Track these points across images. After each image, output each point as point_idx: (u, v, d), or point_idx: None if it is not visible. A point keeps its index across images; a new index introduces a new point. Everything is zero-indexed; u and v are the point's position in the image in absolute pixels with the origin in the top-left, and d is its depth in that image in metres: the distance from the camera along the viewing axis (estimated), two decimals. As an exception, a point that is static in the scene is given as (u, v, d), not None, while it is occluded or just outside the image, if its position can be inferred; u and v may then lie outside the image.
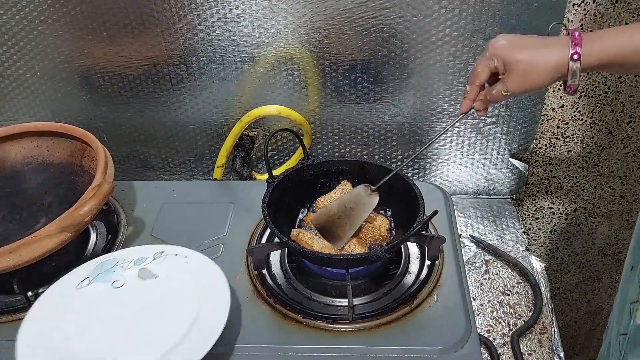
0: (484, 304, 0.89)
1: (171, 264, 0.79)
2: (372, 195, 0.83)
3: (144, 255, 0.81)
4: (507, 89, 0.68)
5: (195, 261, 0.79)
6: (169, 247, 0.82)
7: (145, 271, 0.79)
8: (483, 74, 0.70)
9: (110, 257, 0.81)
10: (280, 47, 0.96)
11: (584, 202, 1.18)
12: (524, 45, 0.66)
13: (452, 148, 1.07)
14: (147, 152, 1.13)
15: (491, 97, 0.71)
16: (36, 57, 1.01)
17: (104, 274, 0.78)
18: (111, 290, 0.77)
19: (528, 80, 0.66)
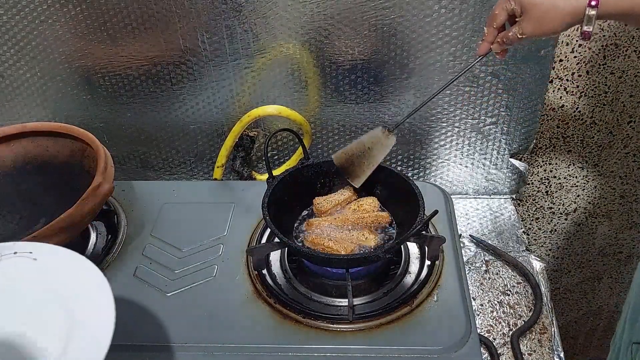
0: (484, 304, 0.89)
1: (12, 265, 0.64)
2: (389, 136, 0.85)
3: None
4: (522, 31, 0.69)
5: (45, 256, 0.64)
6: (5, 246, 0.66)
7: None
8: (500, 16, 0.71)
9: None
10: (280, 47, 0.96)
11: (584, 202, 1.18)
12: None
13: (452, 148, 1.07)
14: (147, 152, 1.13)
15: (507, 39, 0.72)
16: (36, 57, 1.01)
17: None
18: None
19: (543, 23, 0.67)
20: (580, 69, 0.98)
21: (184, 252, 0.87)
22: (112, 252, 0.88)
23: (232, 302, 0.78)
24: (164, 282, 0.82)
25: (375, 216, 0.86)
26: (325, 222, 0.85)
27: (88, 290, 0.60)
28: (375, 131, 0.86)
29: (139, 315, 0.77)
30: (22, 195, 0.95)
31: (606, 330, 1.43)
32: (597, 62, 0.97)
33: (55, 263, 0.64)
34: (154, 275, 0.83)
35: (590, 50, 0.96)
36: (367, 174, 0.85)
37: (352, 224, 0.85)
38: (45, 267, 0.63)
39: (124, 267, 0.85)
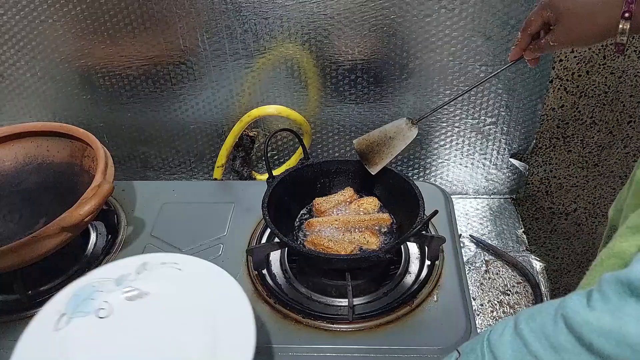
0: (484, 304, 0.89)
1: (160, 275, 0.66)
2: (412, 128, 0.86)
3: (124, 272, 0.67)
4: (554, 39, 0.68)
5: (191, 267, 0.66)
6: (153, 256, 0.69)
7: (132, 290, 0.65)
8: (536, 22, 0.71)
9: (84, 283, 0.66)
10: (280, 47, 0.96)
11: (584, 202, 1.18)
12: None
13: (452, 148, 1.07)
14: (147, 152, 1.13)
15: (539, 47, 0.71)
16: (36, 57, 1.01)
17: (82, 305, 0.63)
18: (98, 323, 0.62)
19: (576, 32, 0.66)
20: (580, 69, 0.98)
21: (184, 252, 0.87)
22: (112, 252, 0.88)
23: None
24: (164, 282, 0.82)
25: (376, 218, 0.86)
26: (325, 223, 0.85)
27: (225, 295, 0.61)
28: (399, 121, 0.87)
29: (139, 315, 0.77)
30: (22, 195, 0.95)
31: (606, 330, 1.42)
32: (597, 62, 0.97)
33: (197, 270, 0.65)
34: (154, 275, 0.83)
35: (590, 50, 0.96)
36: (384, 163, 0.86)
37: (353, 226, 0.85)
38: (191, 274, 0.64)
39: (124, 267, 0.85)
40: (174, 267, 0.67)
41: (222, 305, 0.61)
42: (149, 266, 0.67)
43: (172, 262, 0.66)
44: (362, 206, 0.88)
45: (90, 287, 0.65)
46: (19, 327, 0.75)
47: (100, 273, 0.67)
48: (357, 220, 0.85)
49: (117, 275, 0.66)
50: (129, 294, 0.65)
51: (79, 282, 0.66)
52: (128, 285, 0.65)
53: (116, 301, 0.64)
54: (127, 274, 0.66)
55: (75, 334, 0.61)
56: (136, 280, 0.66)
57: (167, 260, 0.67)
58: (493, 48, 0.93)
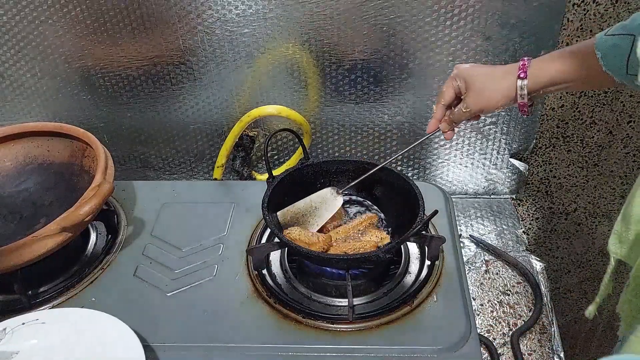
0: (484, 304, 0.89)
1: (25, 334, 0.66)
2: (337, 197, 0.85)
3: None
4: (466, 105, 0.74)
5: (50, 319, 0.66)
6: (8, 322, 0.68)
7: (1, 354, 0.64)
8: (448, 93, 0.76)
9: None
10: (280, 47, 0.96)
11: (584, 202, 1.18)
12: (483, 67, 0.74)
13: (452, 148, 1.07)
14: (147, 152, 1.13)
15: (454, 116, 0.77)
16: (36, 57, 1.01)
17: None
18: None
19: (484, 96, 0.72)
20: (580, 69, 0.98)
21: (184, 252, 0.87)
22: (112, 252, 0.88)
23: (232, 302, 0.78)
24: (164, 282, 0.82)
25: (367, 217, 0.87)
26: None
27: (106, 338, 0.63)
28: (324, 191, 0.87)
29: (139, 315, 0.77)
30: (22, 195, 0.95)
31: (606, 330, 1.42)
32: (597, 62, 0.97)
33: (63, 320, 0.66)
34: (154, 275, 0.83)
35: (590, 50, 0.96)
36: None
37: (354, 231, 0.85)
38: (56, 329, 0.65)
39: (124, 267, 0.85)
40: (36, 323, 0.67)
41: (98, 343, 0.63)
42: (9, 330, 0.67)
43: (32, 320, 0.66)
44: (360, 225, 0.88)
45: None
46: (19, 327, 0.76)
47: None
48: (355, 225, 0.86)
49: None
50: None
51: None
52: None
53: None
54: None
55: None
56: (1, 344, 0.66)
57: (26, 320, 0.67)
58: (493, 48, 0.93)
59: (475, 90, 0.73)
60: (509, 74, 0.70)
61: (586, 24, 0.93)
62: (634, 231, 0.66)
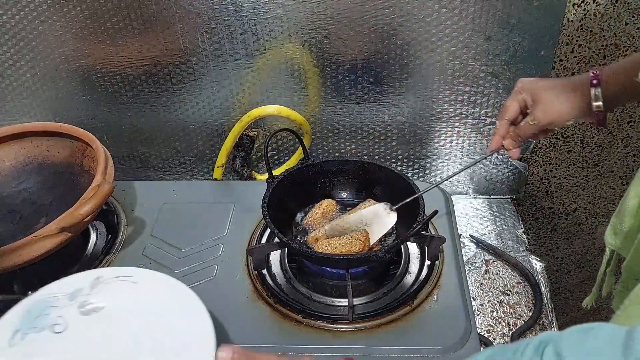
0: (484, 304, 0.89)
1: (115, 289, 0.66)
2: (391, 213, 0.83)
3: (78, 286, 0.66)
4: (533, 117, 0.69)
5: (145, 281, 0.66)
6: (103, 271, 0.68)
7: (86, 305, 0.64)
8: (512, 107, 0.72)
9: (36, 299, 0.65)
10: (280, 47, 0.96)
11: (584, 202, 1.18)
12: (549, 79, 0.70)
13: (452, 148, 1.07)
14: (147, 152, 1.13)
15: (520, 131, 0.72)
16: (36, 57, 1.01)
17: (36, 321, 0.63)
18: (53, 338, 0.61)
19: (554, 108, 0.68)
20: (580, 69, 0.98)
21: (184, 252, 0.87)
22: (112, 252, 0.88)
23: (232, 302, 0.78)
24: (164, 282, 0.82)
25: None
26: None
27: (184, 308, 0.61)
28: (377, 207, 0.83)
29: (139, 315, 0.77)
30: (22, 195, 0.95)
31: (606, 330, 1.42)
32: (597, 62, 0.97)
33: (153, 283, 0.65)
34: (154, 275, 0.83)
35: (590, 50, 0.96)
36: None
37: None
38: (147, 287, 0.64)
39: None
40: (128, 281, 0.66)
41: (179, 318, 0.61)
42: (102, 280, 0.67)
43: (125, 276, 0.66)
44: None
45: (43, 303, 0.65)
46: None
47: (52, 289, 0.66)
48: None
49: (71, 290, 0.66)
50: (84, 308, 0.64)
51: (30, 298, 0.66)
52: (82, 300, 0.65)
53: (71, 316, 0.63)
54: (80, 289, 0.66)
55: (30, 349, 0.60)
56: (90, 294, 0.65)
57: (120, 274, 0.67)
58: (493, 48, 0.93)
59: (543, 102, 0.69)
60: (580, 84, 0.67)
61: (586, 24, 0.93)
62: (627, 223, 0.67)
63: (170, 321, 0.61)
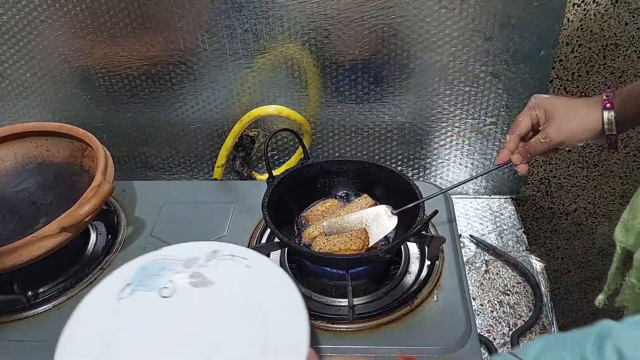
0: (484, 304, 0.89)
1: (228, 267, 0.65)
2: (392, 217, 0.82)
3: (194, 255, 0.67)
4: (545, 135, 0.69)
5: (258, 265, 0.65)
6: (223, 246, 0.68)
7: (198, 276, 0.65)
8: (524, 123, 0.72)
9: (154, 258, 0.67)
10: (280, 47, 0.96)
11: (584, 202, 1.18)
12: (564, 98, 0.70)
13: (452, 148, 1.07)
14: (147, 152, 1.13)
15: (530, 148, 0.72)
16: (36, 57, 1.01)
17: (148, 280, 0.64)
18: (159, 301, 0.63)
19: (568, 127, 0.68)
20: (580, 69, 0.98)
21: (184, 252, 0.87)
22: (112, 252, 0.88)
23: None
24: (164, 282, 0.82)
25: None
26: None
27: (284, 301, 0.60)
28: (378, 208, 0.83)
29: (139, 315, 0.77)
30: (22, 195, 0.95)
31: (606, 330, 1.42)
32: (597, 62, 0.97)
33: (262, 270, 0.64)
34: (154, 275, 0.83)
35: (590, 50, 0.96)
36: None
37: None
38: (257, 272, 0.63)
39: (124, 267, 0.85)
40: (242, 263, 0.66)
41: (279, 310, 0.60)
42: (219, 255, 0.66)
43: (241, 257, 0.66)
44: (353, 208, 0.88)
45: (159, 263, 0.65)
46: (19, 327, 0.76)
47: (170, 251, 0.67)
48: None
49: (187, 257, 0.66)
50: (194, 279, 0.65)
51: (149, 255, 0.67)
52: (195, 270, 0.65)
53: (180, 283, 0.64)
54: (196, 258, 0.66)
55: (135, 306, 0.62)
56: (204, 266, 0.66)
57: (237, 253, 0.66)
58: (493, 48, 0.93)
59: (557, 120, 0.69)
60: (594, 105, 0.67)
61: (586, 24, 0.93)
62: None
63: (270, 315, 0.60)
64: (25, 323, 0.77)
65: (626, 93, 0.66)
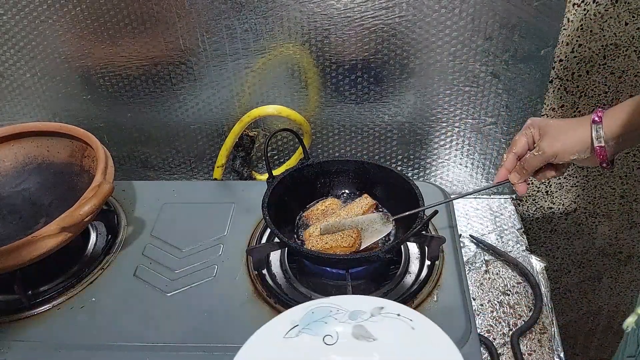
0: (484, 304, 0.89)
1: (392, 326, 0.65)
2: (387, 224, 0.82)
3: (360, 308, 0.67)
4: (539, 148, 0.73)
5: (422, 328, 0.64)
6: (389, 304, 0.67)
7: (361, 329, 0.65)
8: (520, 141, 0.76)
9: (321, 305, 0.68)
10: (280, 47, 0.96)
11: (584, 202, 1.18)
12: (558, 118, 0.74)
13: (452, 148, 1.07)
14: (147, 152, 1.13)
15: (525, 163, 0.76)
16: (36, 57, 1.01)
17: (314, 325, 0.66)
18: (322, 347, 0.64)
19: (559, 140, 0.72)
20: (580, 69, 0.98)
21: (184, 252, 0.87)
22: (112, 252, 0.88)
23: (232, 302, 0.78)
24: (164, 282, 0.82)
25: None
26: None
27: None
28: (374, 215, 0.84)
29: (139, 315, 0.77)
30: (22, 195, 0.95)
31: (606, 330, 1.43)
32: (597, 62, 0.97)
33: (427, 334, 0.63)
34: (154, 275, 0.83)
35: (590, 50, 0.96)
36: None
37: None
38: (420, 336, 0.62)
39: (124, 267, 0.85)
40: (408, 324, 0.65)
41: None
42: (384, 312, 0.66)
43: (407, 318, 0.65)
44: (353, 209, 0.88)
45: (326, 310, 0.67)
46: (19, 327, 0.76)
47: (338, 301, 0.68)
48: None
49: (353, 309, 0.67)
50: (358, 332, 0.65)
51: (318, 301, 0.69)
52: (359, 323, 0.66)
53: (344, 334, 0.65)
54: (361, 312, 0.67)
55: (299, 347, 0.64)
56: (368, 321, 0.66)
57: (403, 313, 0.66)
58: (493, 48, 0.93)
59: (549, 135, 0.72)
60: (585, 121, 0.70)
61: (586, 24, 0.93)
62: None
63: None
64: (25, 323, 0.77)
65: (616, 109, 0.69)
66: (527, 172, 0.77)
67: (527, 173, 0.77)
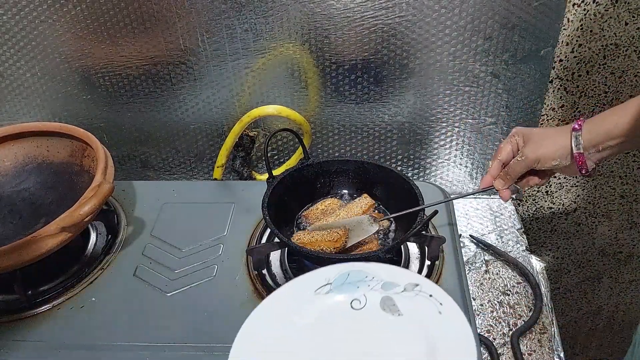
0: (484, 304, 0.89)
1: (421, 305, 0.64)
2: (372, 225, 0.83)
3: (396, 280, 0.66)
4: (522, 154, 0.76)
5: (450, 315, 0.62)
6: (425, 282, 0.66)
7: (389, 301, 0.65)
8: (505, 149, 0.79)
9: (360, 268, 0.68)
10: (280, 47, 0.96)
11: (584, 202, 1.18)
12: (542, 127, 0.76)
13: (452, 148, 1.07)
14: (147, 152, 1.13)
15: (509, 169, 0.78)
16: (36, 57, 1.01)
17: (346, 286, 0.66)
18: (347, 309, 0.65)
19: (541, 145, 0.74)
20: (580, 69, 0.98)
21: (184, 252, 0.87)
22: (112, 252, 0.88)
23: (232, 302, 0.78)
24: (164, 282, 0.82)
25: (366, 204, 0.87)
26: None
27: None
28: (361, 217, 0.84)
29: (139, 315, 0.77)
30: (22, 195, 0.95)
31: (606, 330, 1.43)
32: (597, 62, 0.97)
33: (452, 319, 0.61)
34: (154, 275, 0.83)
35: (590, 50, 0.96)
36: None
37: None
38: (446, 320, 0.61)
39: (124, 267, 0.85)
40: (436, 308, 0.63)
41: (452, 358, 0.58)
42: (417, 290, 0.65)
43: (438, 301, 0.63)
44: (352, 209, 0.88)
45: (361, 275, 0.67)
46: (19, 327, 0.76)
47: (376, 268, 0.68)
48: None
49: (389, 279, 0.66)
50: (386, 303, 0.65)
51: (357, 265, 0.68)
52: (390, 294, 0.65)
53: (372, 302, 0.65)
54: (395, 284, 0.66)
55: (325, 307, 0.64)
56: (399, 295, 0.65)
57: (435, 294, 0.64)
58: (493, 48, 0.93)
59: (532, 141, 0.75)
60: (566, 130, 0.73)
61: (586, 24, 0.93)
62: None
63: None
64: (25, 323, 0.77)
65: (596, 118, 0.72)
66: (511, 178, 0.78)
67: (511, 179, 0.79)
